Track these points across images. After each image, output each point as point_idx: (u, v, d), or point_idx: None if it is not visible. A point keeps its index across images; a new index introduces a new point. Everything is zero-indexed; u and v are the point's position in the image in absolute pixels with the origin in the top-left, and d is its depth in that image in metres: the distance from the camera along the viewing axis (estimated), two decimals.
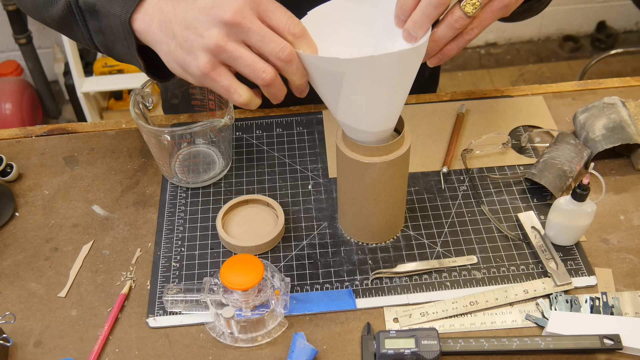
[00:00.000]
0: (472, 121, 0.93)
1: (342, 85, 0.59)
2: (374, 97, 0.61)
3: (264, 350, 0.69)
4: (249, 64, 0.60)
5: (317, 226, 0.81)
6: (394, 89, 0.61)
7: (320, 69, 0.59)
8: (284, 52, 0.58)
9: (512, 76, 2.54)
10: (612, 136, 0.83)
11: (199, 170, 0.87)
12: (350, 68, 0.57)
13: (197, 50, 0.60)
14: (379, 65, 0.57)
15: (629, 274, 0.74)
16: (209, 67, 0.60)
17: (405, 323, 0.70)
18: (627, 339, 0.66)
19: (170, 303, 0.71)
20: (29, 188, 0.87)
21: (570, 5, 2.55)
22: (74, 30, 0.73)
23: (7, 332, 0.71)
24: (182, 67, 0.63)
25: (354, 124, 0.65)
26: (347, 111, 0.63)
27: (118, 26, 0.66)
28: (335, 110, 0.64)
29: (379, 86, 0.60)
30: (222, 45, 0.59)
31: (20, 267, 0.78)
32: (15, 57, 2.37)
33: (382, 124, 0.65)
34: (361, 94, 0.60)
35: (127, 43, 0.67)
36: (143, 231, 0.81)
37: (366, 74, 0.58)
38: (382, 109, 0.63)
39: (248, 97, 0.63)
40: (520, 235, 0.78)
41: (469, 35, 0.64)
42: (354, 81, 0.58)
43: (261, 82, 0.61)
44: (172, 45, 0.62)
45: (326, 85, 0.61)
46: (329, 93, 0.62)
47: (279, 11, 0.60)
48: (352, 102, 0.61)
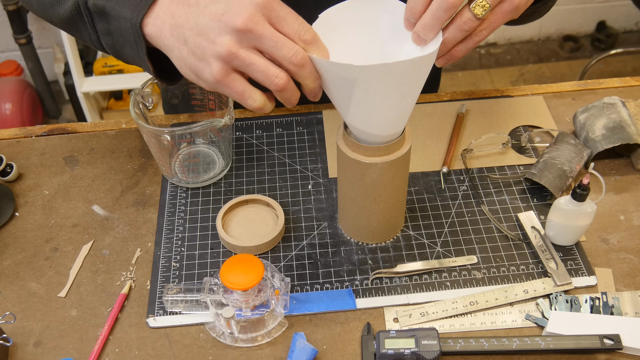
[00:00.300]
0: (472, 121, 0.93)
1: (354, 91, 0.59)
2: (385, 102, 0.61)
3: (264, 350, 0.69)
4: (262, 70, 0.59)
5: (317, 226, 0.81)
6: (404, 94, 0.61)
7: (333, 74, 0.60)
8: (297, 57, 0.58)
9: (512, 76, 2.54)
10: (612, 136, 0.83)
11: (199, 170, 0.87)
12: (363, 74, 0.57)
13: (209, 58, 0.60)
14: (391, 72, 0.57)
15: (629, 274, 0.74)
16: (222, 74, 0.60)
17: (405, 323, 0.70)
18: (627, 339, 0.66)
19: (170, 303, 0.71)
20: (29, 188, 0.87)
21: (570, 5, 2.55)
22: (81, 31, 0.72)
23: (7, 332, 0.71)
24: (194, 74, 0.63)
25: (364, 127, 0.65)
26: (358, 115, 0.63)
27: (128, 29, 0.66)
28: (346, 113, 0.64)
29: (390, 92, 0.60)
30: (234, 53, 0.59)
31: (20, 267, 0.78)
32: (15, 57, 2.37)
33: (392, 128, 0.65)
34: (372, 99, 0.60)
35: (137, 47, 0.67)
36: (143, 231, 0.81)
37: (378, 81, 0.58)
38: (392, 113, 0.63)
39: (262, 101, 0.62)
40: (520, 235, 0.78)
41: (478, 37, 0.64)
42: (366, 87, 0.59)
43: (274, 88, 0.60)
44: (184, 51, 0.62)
45: (338, 90, 0.61)
46: (340, 97, 0.62)
47: (290, 17, 0.59)
48: (363, 107, 0.62)
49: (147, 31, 0.65)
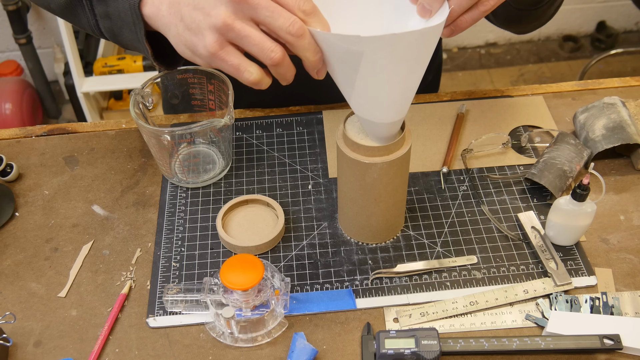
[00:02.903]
0: (472, 121, 0.93)
1: (360, 65, 0.57)
2: (393, 78, 0.59)
3: (264, 350, 0.69)
4: (257, 42, 0.58)
5: (317, 226, 0.81)
6: (412, 68, 0.59)
7: (337, 47, 0.57)
8: (294, 26, 0.56)
9: (512, 76, 2.54)
10: (612, 136, 0.83)
11: (199, 170, 0.87)
12: (371, 46, 0.55)
13: (204, 30, 0.59)
14: (401, 43, 0.55)
15: (629, 274, 0.74)
16: (216, 46, 0.59)
17: (405, 323, 0.70)
18: (627, 339, 0.66)
19: (170, 303, 0.71)
20: (29, 188, 0.87)
21: (570, 5, 2.55)
22: (79, 15, 0.71)
23: (7, 332, 0.71)
24: (190, 49, 0.62)
25: (370, 107, 0.63)
26: (364, 94, 0.61)
27: (127, 11, 0.65)
28: (350, 93, 0.62)
29: (398, 65, 0.57)
30: (229, 24, 0.58)
31: (20, 267, 0.78)
32: (15, 57, 2.37)
33: (397, 109, 0.63)
34: (380, 74, 0.58)
35: (136, 29, 0.66)
36: (143, 231, 0.81)
37: (387, 53, 0.56)
38: (399, 90, 0.61)
39: (259, 75, 0.61)
40: (520, 235, 0.78)
41: (485, 7, 0.61)
42: (373, 60, 0.56)
43: (269, 62, 0.59)
44: (180, 28, 0.61)
45: (342, 66, 0.59)
46: (344, 74, 0.60)
47: None
48: (369, 83, 0.59)
49: (145, 11, 0.64)
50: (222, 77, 0.82)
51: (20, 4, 2.02)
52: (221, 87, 0.83)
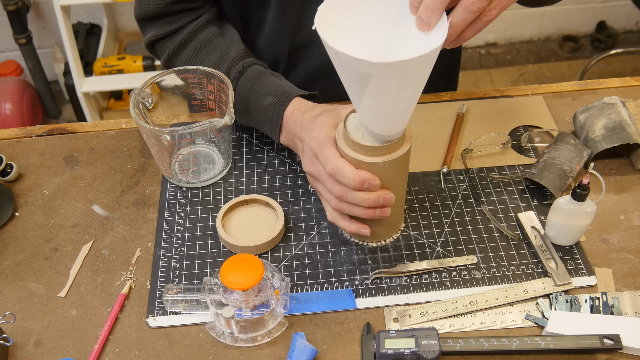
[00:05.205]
0: (472, 121, 0.93)
1: (368, 85, 0.59)
2: (398, 96, 0.61)
3: (264, 350, 0.69)
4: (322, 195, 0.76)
5: (317, 226, 0.81)
6: (416, 86, 0.61)
7: (348, 66, 0.59)
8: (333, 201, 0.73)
9: (512, 76, 2.54)
10: (612, 136, 0.83)
11: (199, 170, 0.87)
12: (379, 71, 0.57)
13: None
14: (408, 67, 0.57)
15: (629, 274, 0.74)
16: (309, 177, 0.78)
17: (405, 323, 0.70)
18: (627, 339, 0.66)
19: (170, 303, 0.71)
20: (29, 188, 0.87)
21: (570, 5, 2.55)
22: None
23: (7, 332, 0.71)
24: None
25: (375, 120, 0.64)
26: (369, 107, 0.63)
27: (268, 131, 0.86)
28: (357, 104, 0.64)
29: (404, 86, 0.59)
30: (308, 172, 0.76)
31: (20, 267, 0.78)
32: (15, 57, 2.37)
33: (401, 120, 0.65)
34: (386, 94, 0.60)
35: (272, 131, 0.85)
36: (143, 231, 0.81)
37: (394, 76, 0.58)
38: (402, 107, 0.63)
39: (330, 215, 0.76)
40: (520, 235, 0.78)
41: (487, 17, 0.62)
42: (381, 82, 0.58)
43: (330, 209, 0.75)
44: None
45: (352, 82, 0.61)
46: (353, 89, 0.62)
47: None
48: (375, 100, 0.61)
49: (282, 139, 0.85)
50: (222, 77, 0.82)
51: (20, 4, 2.02)
52: (221, 87, 0.83)
